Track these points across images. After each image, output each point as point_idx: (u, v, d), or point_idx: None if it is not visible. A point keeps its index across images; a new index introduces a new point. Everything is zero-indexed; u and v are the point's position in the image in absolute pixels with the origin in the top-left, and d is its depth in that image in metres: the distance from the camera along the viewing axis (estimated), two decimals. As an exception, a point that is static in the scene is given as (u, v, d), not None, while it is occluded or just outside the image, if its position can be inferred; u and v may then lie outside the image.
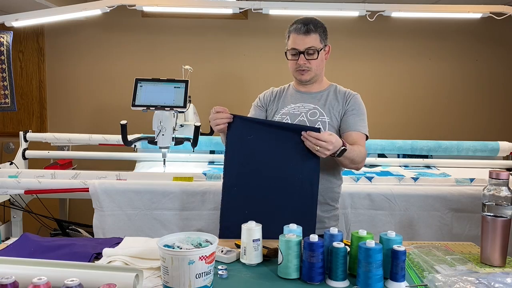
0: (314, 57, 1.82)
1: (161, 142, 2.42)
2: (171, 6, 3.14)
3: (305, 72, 1.84)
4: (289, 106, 1.89)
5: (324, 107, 1.85)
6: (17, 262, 1.11)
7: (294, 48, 1.82)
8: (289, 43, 1.85)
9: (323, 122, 1.81)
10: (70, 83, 4.03)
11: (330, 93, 1.90)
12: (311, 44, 1.81)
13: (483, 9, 3.15)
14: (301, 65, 1.82)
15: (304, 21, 1.82)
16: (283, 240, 1.27)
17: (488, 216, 1.37)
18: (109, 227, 2.23)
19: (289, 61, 1.88)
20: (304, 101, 1.89)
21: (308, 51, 1.81)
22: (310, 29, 1.80)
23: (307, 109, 1.86)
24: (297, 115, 1.85)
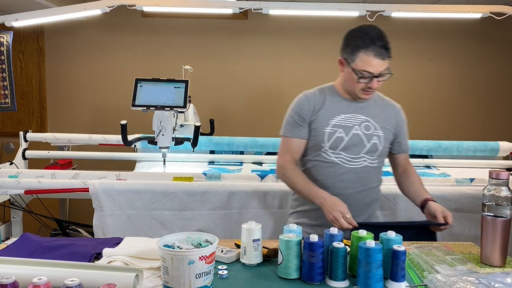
0: (385, 78, 1.68)
1: (161, 142, 2.42)
2: (171, 6, 3.14)
3: (371, 92, 1.71)
4: (339, 117, 1.74)
5: (376, 119, 1.76)
6: (17, 262, 1.11)
7: (369, 72, 1.64)
8: (362, 63, 1.64)
9: (378, 136, 1.74)
10: (70, 83, 4.03)
11: (377, 103, 1.80)
12: (386, 66, 1.66)
13: (483, 9, 3.15)
14: (374, 88, 1.69)
15: (385, 43, 1.64)
16: (283, 240, 1.27)
17: (488, 216, 1.37)
18: (109, 227, 2.23)
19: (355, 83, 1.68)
20: (354, 110, 1.75)
21: (382, 74, 1.66)
22: (390, 52, 1.65)
23: (359, 120, 1.74)
24: (350, 128, 1.73)
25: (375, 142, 1.74)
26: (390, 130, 1.78)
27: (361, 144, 1.73)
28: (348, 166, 1.73)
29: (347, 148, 1.72)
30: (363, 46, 1.63)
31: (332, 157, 1.74)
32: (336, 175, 1.74)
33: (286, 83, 4.06)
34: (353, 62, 1.66)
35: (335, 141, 1.72)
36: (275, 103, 4.07)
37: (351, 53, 1.66)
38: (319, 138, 1.74)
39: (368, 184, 1.77)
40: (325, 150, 1.74)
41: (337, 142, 1.72)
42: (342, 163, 1.73)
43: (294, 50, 4.04)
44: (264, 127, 3.99)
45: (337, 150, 1.73)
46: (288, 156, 1.78)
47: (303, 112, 1.76)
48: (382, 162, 1.82)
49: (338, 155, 1.73)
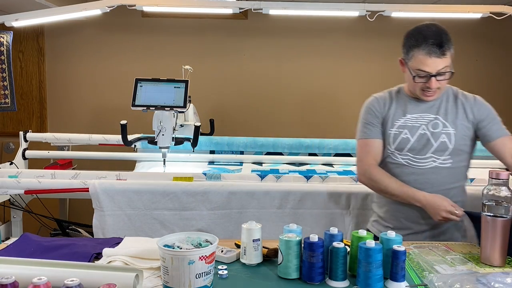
0: (446, 77, 1.63)
1: (161, 142, 2.42)
2: (171, 6, 3.14)
3: (434, 93, 1.66)
4: (405, 117, 1.72)
5: (447, 117, 1.69)
6: (17, 262, 1.11)
7: (424, 71, 1.61)
8: (416, 63, 1.62)
9: (448, 134, 1.67)
10: (70, 83, 4.03)
11: (450, 99, 1.73)
12: (445, 64, 1.60)
13: (483, 9, 3.15)
14: (432, 88, 1.63)
15: (438, 41, 1.60)
16: (283, 240, 1.27)
17: (488, 216, 1.37)
18: (109, 227, 2.23)
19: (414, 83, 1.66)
20: (422, 110, 1.71)
21: (440, 73, 1.61)
22: (445, 50, 1.60)
23: (427, 120, 1.70)
24: (416, 128, 1.69)
25: (444, 141, 1.67)
26: (466, 125, 1.69)
27: (428, 143, 1.68)
28: (414, 167, 1.69)
29: (413, 149, 1.69)
30: (415, 45, 1.62)
31: (399, 158, 1.71)
32: (403, 175, 1.70)
33: (286, 83, 4.06)
34: (409, 61, 1.65)
35: (400, 142, 1.70)
36: (275, 103, 4.07)
37: (406, 52, 1.67)
38: (386, 140, 1.73)
39: (440, 186, 1.68)
40: (392, 152, 1.72)
41: (403, 144, 1.70)
42: (409, 164, 1.70)
43: (294, 50, 4.04)
44: (264, 127, 3.99)
45: (404, 152, 1.70)
46: (370, 159, 1.74)
47: (375, 113, 1.76)
48: (461, 161, 1.73)
49: (404, 156, 1.70)
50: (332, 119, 4.07)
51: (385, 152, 1.75)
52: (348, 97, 4.03)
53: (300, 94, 4.06)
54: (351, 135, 3.23)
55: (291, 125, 4.06)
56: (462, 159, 1.73)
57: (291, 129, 4.01)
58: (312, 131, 3.93)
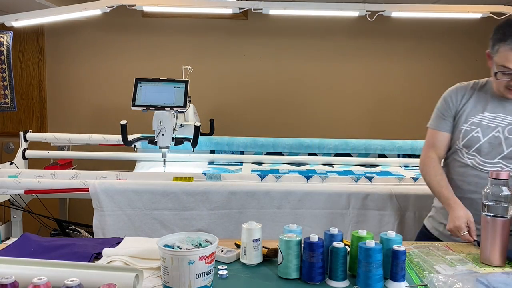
0: None
1: (161, 142, 2.42)
2: (171, 6, 3.14)
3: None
4: (482, 115, 1.62)
5: None
6: (17, 262, 1.11)
7: (508, 67, 1.50)
8: (500, 58, 1.51)
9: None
10: (70, 83, 4.03)
11: None
12: None
13: (483, 9, 3.14)
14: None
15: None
16: (283, 240, 1.27)
17: (488, 216, 1.37)
18: (109, 227, 2.23)
19: (497, 80, 1.57)
20: (503, 111, 1.60)
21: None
22: None
23: (506, 122, 1.59)
24: (491, 129, 1.59)
25: None
26: None
27: (498, 148, 1.59)
28: (479, 170, 1.61)
29: (481, 150, 1.60)
30: (502, 39, 1.51)
31: (465, 157, 1.65)
32: (466, 176, 1.65)
33: (286, 83, 4.06)
34: (494, 56, 1.55)
35: (469, 140, 1.62)
36: (275, 103, 4.07)
37: (492, 46, 1.56)
38: (456, 135, 1.67)
39: None
40: (459, 149, 1.66)
41: (471, 142, 1.62)
42: (474, 166, 1.63)
43: (294, 50, 4.04)
44: (264, 127, 3.99)
45: (471, 151, 1.62)
46: (430, 152, 1.71)
47: (449, 105, 1.70)
48: None
49: (471, 156, 1.63)
50: (332, 119, 4.07)
51: (453, 147, 1.69)
52: (348, 97, 4.04)
53: (300, 94, 4.06)
54: (351, 135, 3.25)
55: (291, 125, 4.06)
56: None
57: (291, 129, 4.01)
58: (312, 131, 3.93)
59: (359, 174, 2.52)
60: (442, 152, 1.72)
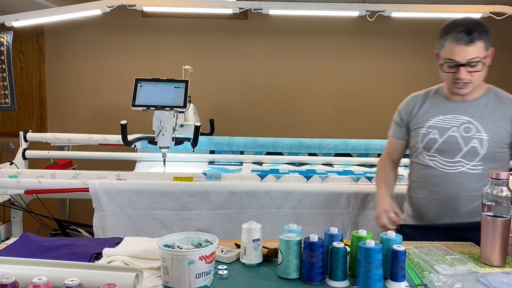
0: (477, 69, 1.57)
1: (161, 142, 2.42)
2: (171, 6, 3.14)
3: (466, 85, 1.60)
4: (437, 118, 1.68)
5: (482, 120, 1.61)
6: (17, 262, 1.11)
7: (453, 60, 1.57)
8: (445, 52, 1.59)
9: (480, 139, 1.60)
10: (70, 83, 4.03)
11: (489, 101, 1.65)
12: (474, 54, 1.54)
13: (483, 9, 3.14)
14: (462, 79, 1.58)
15: (467, 28, 1.54)
16: (283, 240, 1.27)
17: (488, 216, 1.37)
18: (109, 227, 2.23)
19: (444, 73, 1.63)
20: (456, 111, 1.66)
21: (470, 63, 1.56)
22: (473, 38, 1.53)
23: (460, 122, 1.64)
24: (446, 129, 1.65)
25: (475, 146, 1.60)
26: (501, 133, 1.61)
27: (456, 147, 1.63)
28: (442, 170, 1.65)
29: (441, 151, 1.65)
30: (446, 33, 1.59)
31: (427, 159, 1.69)
32: (430, 178, 1.69)
33: (286, 83, 4.06)
34: (441, 52, 1.62)
35: (428, 142, 1.68)
36: (275, 103, 4.07)
37: (438, 43, 1.63)
38: (415, 139, 1.74)
39: (467, 192, 1.63)
40: (420, 152, 1.72)
41: (430, 143, 1.67)
42: (437, 167, 1.67)
43: (294, 50, 4.04)
44: (264, 127, 3.99)
45: (431, 152, 1.67)
46: (385, 156, 1.91)
47: (402, 113, 1.81)
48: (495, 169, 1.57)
49: (432, 157, 1.68)
50: (332, 119, 4.07)
51: (415, 152, 1.75)
52: (348, 97, 4.04)
53: (300, 94, 4.06)
54: (351, 135, 3.24)
55: (291, 125, 4.06)
56: (496, 166, 1.61)
57: (291, 129, 4.01)
58: (312, 131, 3.93)
59: (359, 174, 2.52)
60: (396, 156, 1.89)
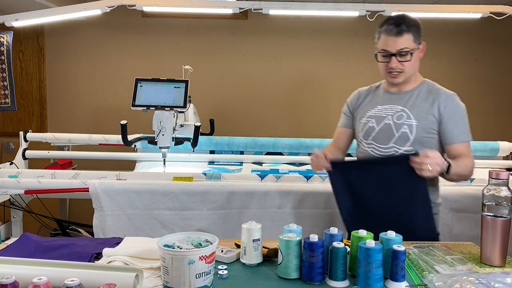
0: (407, 59, 1.74)
1: (161, 142, 2.42)
2: (171, 6, 3.14)
3: (398, 74, 1.76)
4: (376, 108, 1.83)
5: (413, 109, 1.76)
6: (17, 262, 1.11)
7: (385, 50, 1.74)
8: (380, 44, 1.76)
9: (410, 125, 1.73)
10: (70, 83, 4.03)
11: (422, 93, 1.81)
12: (404, 45, 1.72)
13: (483, 9, 3.14)
14: (393, 67, 1.74)
15: (396, 21, 1.73)
16: (283, 240, 1.27)
17: (488, 216, 1.37)
18: (109, 227, 2.23)
19: (379, 63, 1.80)
20: (392, 102, 1.81)
21: (400, 53, 1.73)
22: (402, 29, 1.71)
23: (394, 111, 1.78)
24: (382, 118, 1.79)
25: (405, 131, 1.73)
26: (429, 119, 1.74)
27: (390, 133, 1.76)
28: (378, 155, 1.78)
29: (377, 138, 1.78)
30: (380, 27, 1.77)
31: (365, 147, 1.82)
32: None
33: (286, 83, 4.06)
34: (377, 44, 1.79)
35: (367, 130, 1.82)
36: (275, 103, 4.07)
37: (376, 38, 1.80)
38: (357, 129, 1.87)
39: None
40: (360, 140, 1.86)
41: (369, 132, 1.81)
42: (373, 153, 1.80)
43: (294, 50, 4.04)
44: (264, 127, 3.99)
45: (369, 140, 1.81)
46: (332, 143, 2.01)
47: (349, 105, 1.95)
48: None
49: (370, 145, 1.81)
50: (332, 119, 4.06)
51: (358, 143, 1.90)
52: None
53: (300, 94, 4.06)
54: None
55: (291, 125, 4.06)
56: None
57: (291, 129, 4.01)
58: (312, 131, 3.93)
59: (359, 174, 2.51)
60: (341, 145, 1.98)
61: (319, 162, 1.74)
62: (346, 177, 1.74)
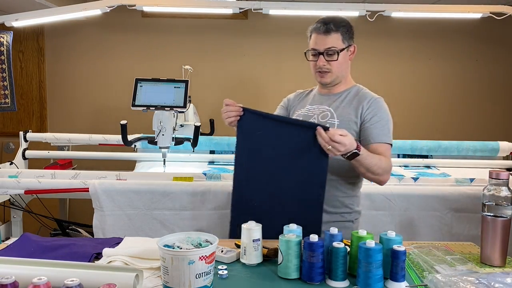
0: (334, 58, 1.75)
1: (161, 142, 2.42)
2: (171, 6, 3.14)
3: (325, 74, 1.78)
4: (305, 108, 1.86)
5: (337, 109, 1.79)
6: (17, 262, 1.11)
7: (314, 49, 1.77)
8: (310, 43, 1.80)
9: (332, 124, 1.75)
10: (70, 83, 4.03)
11: (349, 95, 1.82)
12: (332, 44, 1.73)
13: (483, 9, 3.15)
14: (321, 66, 1.76)
15: (325, 20, 1.75)
16: (283, 240, 1.27)
17: (488, 216, 1.37)
18: (109, 227, 2.23)
19: (309, 62, 1.82)
20: (320, 102, 1.84)
21: (328, 52, 1.74)
22: (330, 28, 1.72)
23: (321, 110, 1.81)
24: (309, 117, 1.81)
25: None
26: (354, 120, 1.75)
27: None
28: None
29: None
30: (310, 28, 1.80)
31: None
32: None
33: (286, 83, 4.05)
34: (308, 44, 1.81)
35: None
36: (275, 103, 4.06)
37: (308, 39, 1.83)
38: None
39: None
40: None
41: None
42: None
43: (294, 50, 4.02)
44: (264, 127, 3.99)
45: None
46: None
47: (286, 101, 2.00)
48: None
49: None
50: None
51: None
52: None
53: (300, 94, 4.06)
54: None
55: (291, 125, 4.05)
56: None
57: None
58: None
59: (359, 174, 2.51)
60: None
61: (229, 109, 1.71)
62: (253, 130, 1.71)
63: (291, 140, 1.65)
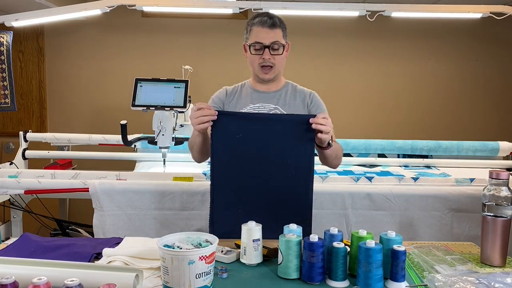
0: (279, 53, 1.76)
1: (161, 142, 2.42)
2: (171, 6, 3.14)
3: (269, 70, 1.77)
4: (248, 107, 1.82)
5: (285, 107, 1.80)
6: (17, 262, 1.11)
7: (259, 42, 1.74)
8: (252, 36, 1.77)
9: None
10: (70, 83, 4.03)
11: (289, 92, 1.85)
12: (277, 38, 1.74)
13: (483, 9, 3.15)
14: (266, 60, 1.75)
15: (269, 15, 1.77)
16: (283, 240, 1.27)
17: (488, 216, 1.37)
18: (109, 227, 2.23)
19: (251, 56, 1.79)
20: (263, 101, 1.83)
21: (273, 46, 1.74)
22: (275, 22, 1.74)
23: (268, 109, 1.81)
24: None
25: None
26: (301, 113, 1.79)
27: None
28: None
29: None
30: (251, 22, 1.79)
31: None
32: None
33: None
34: (248, 40, 1.79)
35: None
36: (275, 103, 4.07)
37: (246, 34, 1.82)
38: None
39: None
40: None
41: None
42: None
43: (293, 50, 4.01)
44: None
45: None
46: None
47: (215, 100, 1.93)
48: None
49: None
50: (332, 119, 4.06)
51: None
52: (348, 97, 4.03)
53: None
54: (350, 134, 3.24)
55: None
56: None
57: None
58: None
59: (359, 174, 2.52)
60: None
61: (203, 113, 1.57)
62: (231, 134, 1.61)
63: (275, 137, 1.60)
